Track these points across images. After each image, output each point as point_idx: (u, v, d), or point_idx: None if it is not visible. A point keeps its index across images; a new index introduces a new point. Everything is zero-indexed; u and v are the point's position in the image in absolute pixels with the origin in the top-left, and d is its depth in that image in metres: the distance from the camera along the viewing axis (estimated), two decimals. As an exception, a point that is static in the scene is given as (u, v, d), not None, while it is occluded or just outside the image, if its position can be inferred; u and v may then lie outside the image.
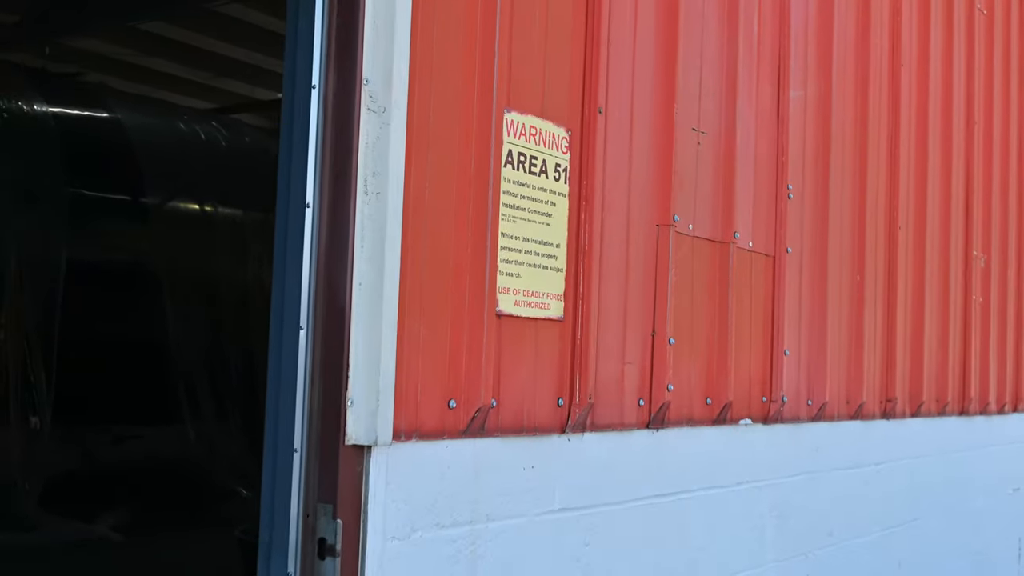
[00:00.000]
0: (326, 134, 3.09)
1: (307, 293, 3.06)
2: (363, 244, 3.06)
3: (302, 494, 3.03)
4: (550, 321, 3.73)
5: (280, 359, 3.09)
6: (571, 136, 3.82)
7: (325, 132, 3.09)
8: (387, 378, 3.04)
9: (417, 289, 3.20)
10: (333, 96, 3.10)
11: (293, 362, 3.06)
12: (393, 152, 3.07)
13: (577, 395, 3.81)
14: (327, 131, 3.09)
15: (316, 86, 3.09)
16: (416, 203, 3.21)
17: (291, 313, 3.07)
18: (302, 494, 3.03)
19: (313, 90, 3.09)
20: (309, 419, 3.05)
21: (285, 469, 3.04)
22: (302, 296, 3.06)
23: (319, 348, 3.06)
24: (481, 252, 3.40)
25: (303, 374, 3.05)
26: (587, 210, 3.86)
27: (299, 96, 3.11)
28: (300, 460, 3.03)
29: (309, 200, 3.08)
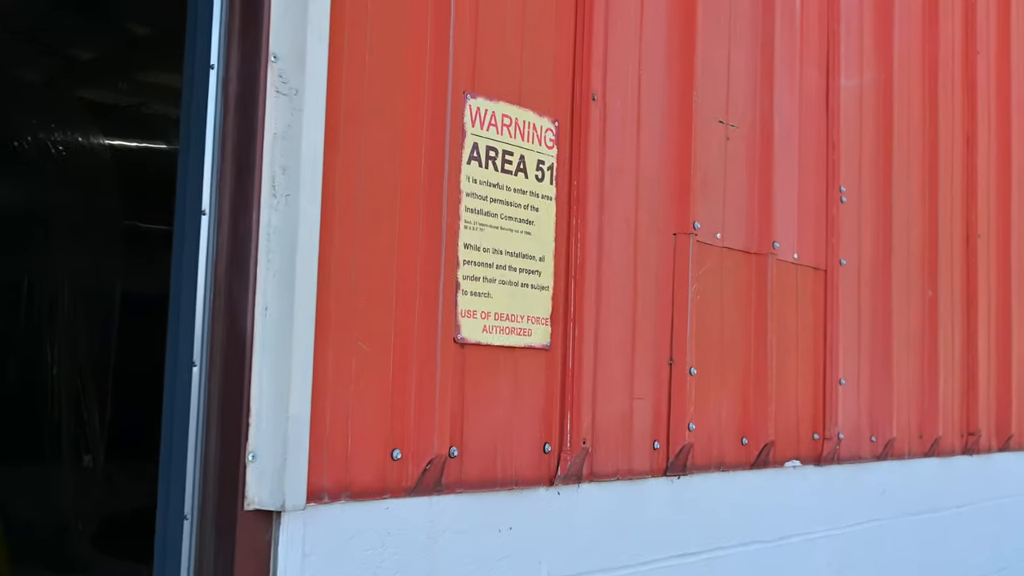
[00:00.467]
0: (227, 124, 2.50)
1: (201, 321, 2.47)
2: (269, 259, 2.46)
3: (191, 572, 2.43)
4: (532, 350, 3.08)
5: (173, 403, 2.50)
6: (558, 128, 3.18)
7: (226, 121, 2.50)
8: (298, 425, 2.43)
9: (347, 314, 2.59)
10: (236, 77, 2.51)
11: (185, 406, 2.47)
12: (308, 143, 2.47)
13: (569, 438, 3.16)
14: (228, 120, 2.50)
15: (215, 66, 2.51)
16: (345, 208, 2.60)
17: (184, 346, 2.49)
18: (191, 572, 2.43)
19: (211, 70, 2.51)
20: (203, 478, 2.46)
21: (174, 541, 2.45)
22: (196, 325, 2.47)
23: (215, 389, 2.47)
24: (434, 268, 2.78)
25: (195, 421, 2.46)
26: (579, 215, 3.21)
27: (197, 79, 2.54)
28: (191, 530, 2.44)
29: (205, 206, 2.49)
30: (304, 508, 2.44)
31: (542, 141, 3.12)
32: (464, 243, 2.88)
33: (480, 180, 2.94)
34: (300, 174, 2.46)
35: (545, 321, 3.12)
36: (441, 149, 2.80)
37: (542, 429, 3.11)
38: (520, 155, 3.05)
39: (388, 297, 2.69)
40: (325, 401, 2.53)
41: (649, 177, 3.51)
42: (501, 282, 2.99)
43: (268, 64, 2.48)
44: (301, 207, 2.46)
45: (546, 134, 3.13)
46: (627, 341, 3.40)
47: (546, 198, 3.13)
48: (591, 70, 3.22)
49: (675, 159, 3.61)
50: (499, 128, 2.99)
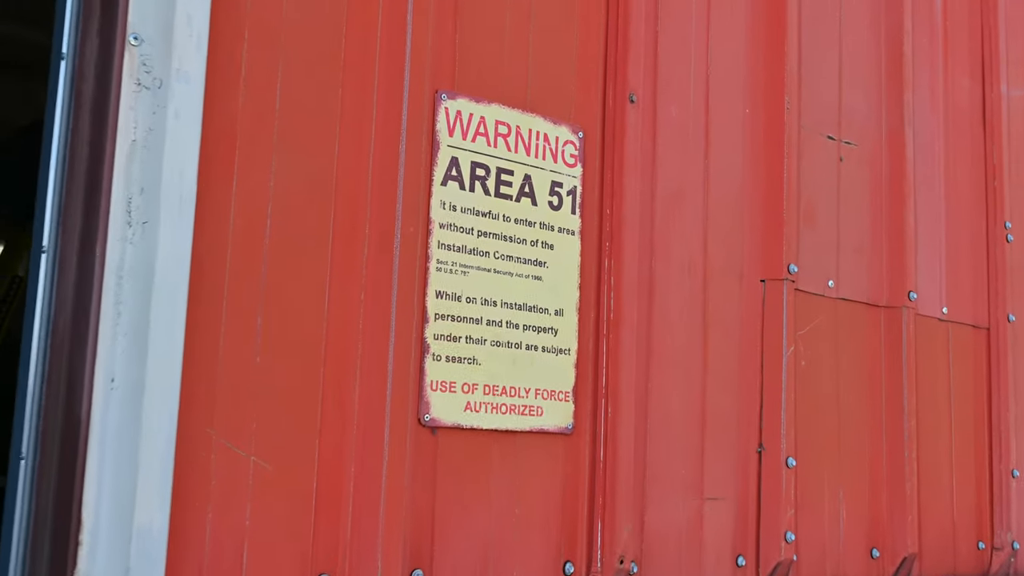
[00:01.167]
0: (77, 130, 1.86)
1: (32, 396, 1.81)
2: (119, 311, 1.78)
3: None
4: (545, 435, 2.30)
5: (8, 508, 1.84)
6: (583, 140, 2.41)
7: (76, 127, 1.86)
8: (151, 542, 1.73)
9: (234, 385, 1.88)
10: (93, 66, 1.87)
11: (11, 516, 1.80)
12: (174, 153, 1.80)
13: (600, 556, 2.33)
14: (78, 125, 1.86)
15: (65, 55, 1.87)
16: (244, 238, 1.91)
17: (16, 433, 1.82)
18: None
19: (62, 61, 1.87)
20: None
21: None
22: (27, 401, 1.81)
23: (44, 492, 1.79)
24: (381, 324, 2.04)
25: (18, 536, 1.78)
26: (614, 255, 2.42)
27: (51, 74, 1.91)
28: None
29: (45, 242, 1.84)
30: (155, 667, 1.73)
31: (559, 157, 2.36)
32: (436, 291, 2.14)
33: (462, 207, 2.20)
34: (162, 194, 1.79)
35: (565, 396, 2.33)
36: (394, 165, 2.08)
37: (559, 543, 2.31)
38: (524, 175, 2.30)
39: (312, 362, 1.97)
40: (204, 508, 1.82)
41: (723, 206, 2.68)
42: (495, 343, 2.22)
43: (125, 47, 1.83)
44: (163, 239, 1.78)
45: (565, 148, 2.37)
46: (693, 421, 2.57)
47: (566, 232, 2.36)
48: (628, 61, 2.44)
49: (762, 184, 2.78)
50: (491, 139, 2.25)
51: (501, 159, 2.27)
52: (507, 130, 2.28)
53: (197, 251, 1.82)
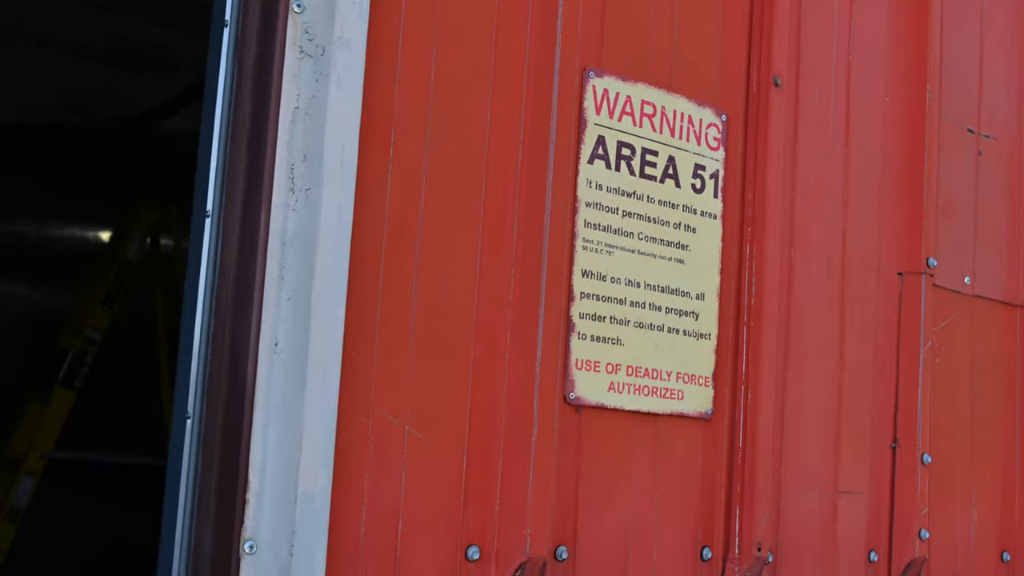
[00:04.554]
0: (240, 97, 1.88)
1: (197, 361, 1.84)
2: (282, 276, 1.81)
3: None
4: (685, 419, 2.28)
5: (171, 468, 1.87)
6: (727, 123, 2.39)
7: (239, 94, 1.89)
8: (313, 507, 1.74)
9: (392, 356, 1.89)
10: (255, 34, 1.90)
11: (177, 472, 1.83)
12: (336, 121, 1.82)
13: (738, 543, 2.30)
14: (241, 92, 1.88)
15: (228, 22, 1.91)
16: (399, 210, 1.92)
17: (180, 392, 1.86)
18: None
19: (225, 29, 1.91)
20: (193, 572, 1.80)
21: (154, 656, 1.80)
22: (192, 363, 1.84)
23: (209, 452, 1.82)
24: (534, 299, 2.04)
25: (185, 493, 1.82)
26: (756, 241, 2.39)
27: (213, 42, 1.94)
28: (176, 636, 1.78)
29: (209, 206, 1.87)
30: (318, 626, 1.74)
31: (702, 139, 2.34)
32: (582, 269, 2.13)
33: (608, 187, 2.19)
34: (325, 162, 1.81)
35: (705, 381, 2.31)
36: (544, 141, 2.08)
37: (699, 528, 2.28)
38: (668, 156, 2.29)
39: (463, 336, 1.98)
40: (361, 475, 1.84)
41: (862, 195, 2.64)
42: (638, 325, 2.21)
43: (289, 15, 1.85)
44: (326, 207, 1.80)
45: (708, 130, 2.35)
46: (829, 413, 2.52)
47: (708, 215, 2.34)
48: (773, 44, 2.41)
49: (901, 175, 2.73)
50: (637, 119, 2.24)
51: (646, 139, 2.26)
52: (652, 110, 2.27)
53: (356, 220, 1.84)
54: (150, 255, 6.03)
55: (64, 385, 5.31)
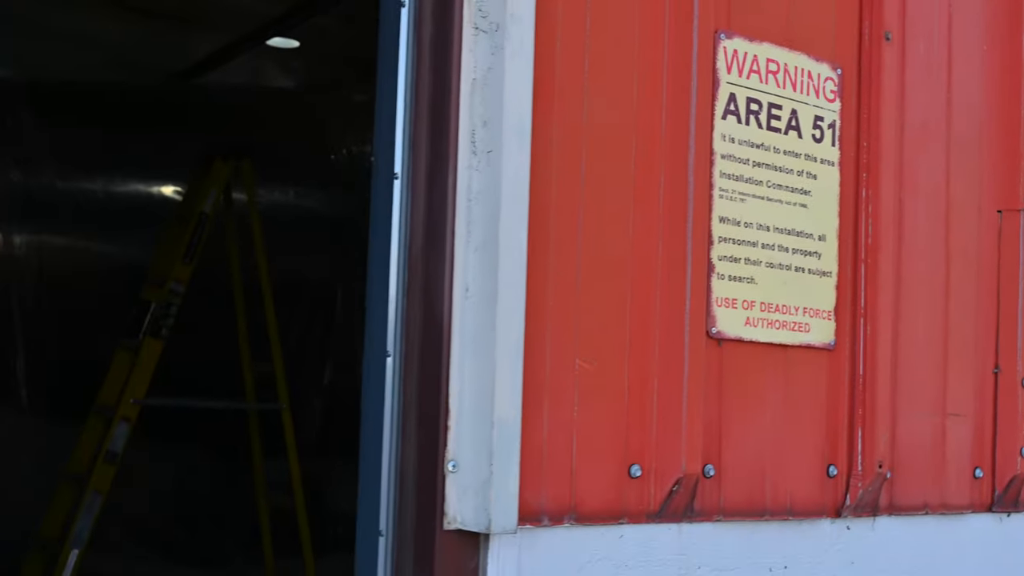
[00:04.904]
0: (419, 71, 2.12)
1: (395, 303, 2.09)
2: (469, 229, 2.05)
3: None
4: (811, 350, 2.50)
5: (369, 399, 2.14)
6: (842, 76, 2.59)
7: (419, 68, 2.12)
8: (507, 431, 1.99)
9: (563, 297, 2.13)
10: (430, 14, 2.12)
11: (379, 402, 2.09)
12: (513, 90, 2.05)
13: (860, 461, 2.54)
14: (420, 66, 2.12)
15: (405, 2, 2.13)
16: (562, 169, 2.15)
17: (377, 334, 2.11)
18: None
19: (402, 8, 2.13)
20: (399, 489, 2.07)
21: (368, 560, 2.07)
22: (389, 307, 2.09)
23: (411, 383, 2.07)
24: (681, 244, 2.27)
25: (390, 419, 2.08)
26: (871, 185, 2.60)
27: (387, 19, 2.17)
28: (386, 549, 2.05)
29: (397, 168, 2.12)
30: (516, 531, 2.00)
31: (820, 93, 2.55)
32: (719, 216, 2.36)
33: (740, 139, 2.41)
34: (504, 126, 2.03)
35: (828, 315, 2.53)
36: (686, 100, 2.30)
37: (825, 447, 2.52)
38: (791, 109, 2.49)
39: (620, 278, 2.22)
40: (541, 402, 2.09)
41: (963, 140, 2.83)
42: (769, 265, 2.43)
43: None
44: (505, 166, 2.03)
45: (826, 84, 2.56)
46: (937, 343, 2.74)
47: (827, 163, 2.55)
48: (884, 1, 2.60)
49: (999, 120, 2.91)
50: (763, 76, 2.45)
51: (771, 95, 2.46)
52: (776, 67, 2.47)
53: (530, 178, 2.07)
54: (224, 208, 6.17)
55: (152, 335, 5.52)
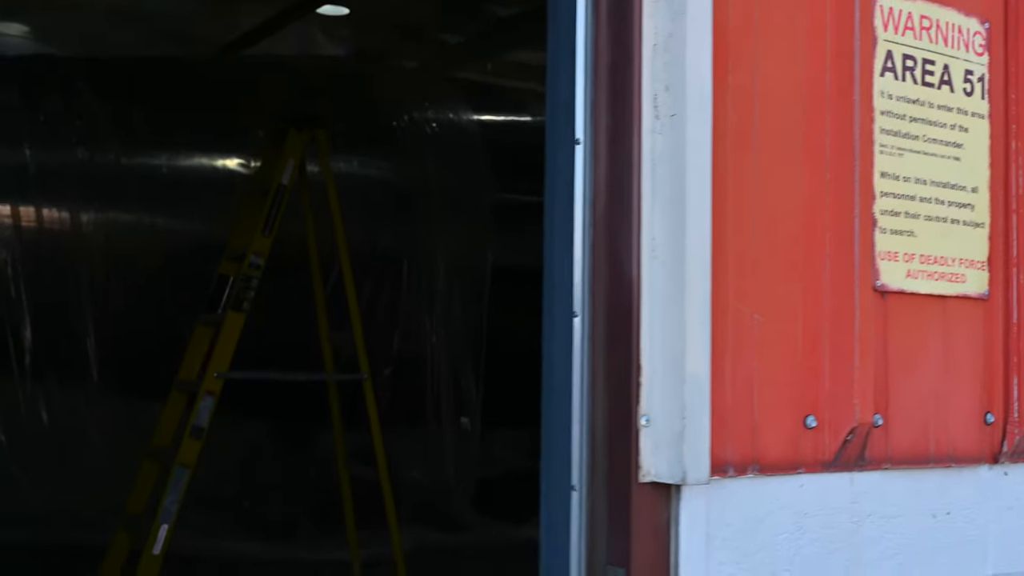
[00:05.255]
0: (597, 38, 2.18)
1: (581, 266, 2.17)
2: (655, 192, 2.12)
3: (583, 550, 2.13)
4: (966, 300, 2.55)
5: (552, 359, 2.22)
6: (989, 30, 2.62)
7: (596, 35, 2.18)
8: (698, 386, 2.07)
9: (741, 255, 2.20)
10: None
11: (566, 363, 2.17)
12: (694, 54, 2.10)
13: (1016, 408, 2.59)
14: (599, 33, 2.18)
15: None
16: (737, 131, 2.21)
17: (561, 295, 2.19)
18: (583, 550, 2.13)
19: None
20: (590, 445, 2.15)
21: (560, 514, 2.16)
22: (574, 270, 2.17)
23: (598, 343, 2.15)
24: (847, 200, 2.33)
25: (579, 378, 2.15)
26: (1019, 136, 2.63)
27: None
28: (579, 502, 2.14)
29: (579, 134, 2.18)
30: (708, 482, 2.08)
31: (970, 47, 2.58)
32: (880, 171, 2.40)
33: (896, 96, 2.45)
34: (686, 90, 2.09)
35: (981, 265, 2.57)
36: (849, 59, 2.34)
37: (981, 395, 2.57)
38: (943, 64, 2.53)
39: (792, 235, 2.27)
40: (724, 357, 2.15)
41: (1104, 88, 2.85)
42: (926, 218, 2.48)
43: (644, -36, 2.13)
44: (689, 129, 2.09)
45: (974, 39, 2.59)
46: (1084, 290, 2.77)
47: (977, 116, 2.59)
48: (1030, -46, 2.63)
49: None
50: (917, 32, 2.49)
51: (925, 50, 2.50)
52: (928, 23, 2.51)
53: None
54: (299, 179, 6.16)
55: (233, 308, 5.54)
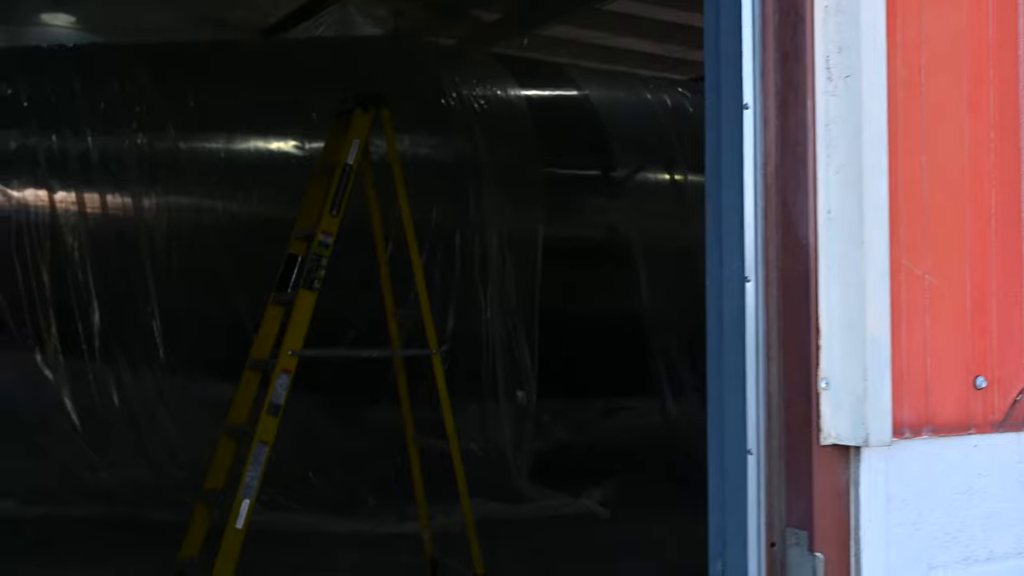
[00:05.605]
0: (765, 4, 2.16)
1: (752, 230, 2.16)
2: (829, 154, 2.10)
3: (762, 514, 2.14)
4: (1124, 255, 2.52)
5: (720, 324, 2.22)
6: None
7: (764, 1, 2.16)
8: (879, 348, 2.06)
9: (911, 215, 2.18)
10: (776, -51, 2.16)
11: (738, 327, 2.17)
12: (868, 15, 2.08)
13: None
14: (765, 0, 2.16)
15: (749, -64, 2.17)
16: (905, 88, 2.19)
17: (733, 259, 2.19)
18: (762, 514, 2.14)
19: (746, -55, 2.17)
20: (767, 408, 2.15)
21: (736, 479, 2.17)
22: (745, 235, 2.16)
23: (773, 307, 2.15)
24: (1012, 155, 2.31)
25: (753, 344, 2.15)
26: None
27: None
28: (756, 466, 2.15)
29: (747, 99, 2.17)
30: (889, 444, 2.08)
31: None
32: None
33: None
34: (861, 51, 2.07)
35: None
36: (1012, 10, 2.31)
37: None
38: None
39: (959, 192, 2.25)
40: (899, 318, 2.15)
41: None
42: (1084, 173, 2.45)
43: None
44: (864, 90, 2.07)
45: None
46: None
47: None
48: None
49: None
50: (1071, -14, 2.45)
51: (1079, 3, 2.46)
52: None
53: (882, 100, 2.11)
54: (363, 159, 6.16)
55: (305, 287, 5.58)
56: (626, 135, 10.07)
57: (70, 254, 8.04)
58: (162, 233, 8.27)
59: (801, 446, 2.10)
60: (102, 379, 8.38)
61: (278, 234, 6.72)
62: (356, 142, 5.75)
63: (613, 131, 9.99)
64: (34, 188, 7.95)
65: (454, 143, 9.10)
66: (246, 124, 8.66)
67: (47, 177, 7.96)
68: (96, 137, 8.15)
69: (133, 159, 8.24)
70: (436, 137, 9.11)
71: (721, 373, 2.21)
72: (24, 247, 7.93)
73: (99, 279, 8.13)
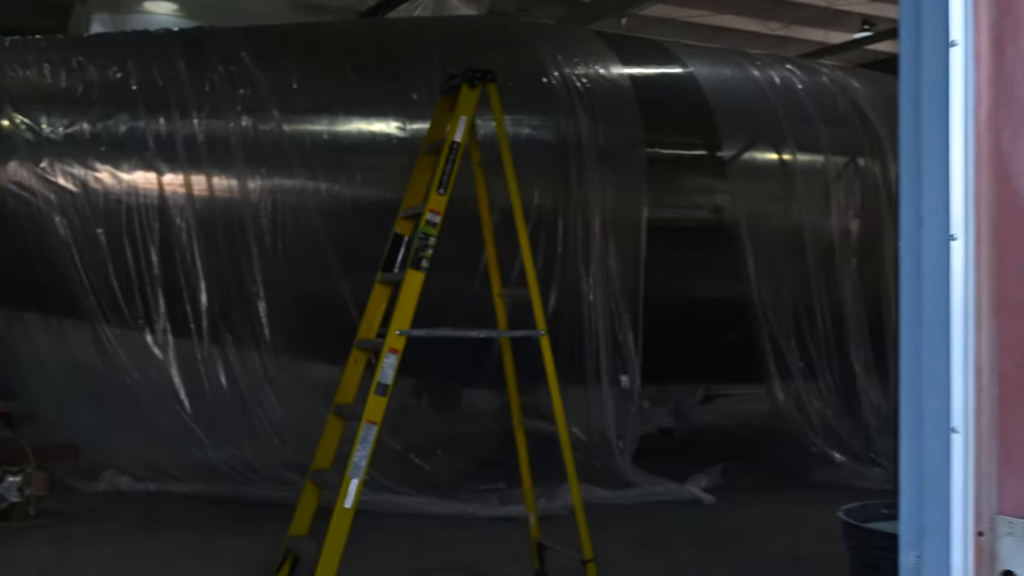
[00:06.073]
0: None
1: (961, 183, 1.93)
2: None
3: (970, 500, 1.91)
4: None
5: (919, 288, 1.99)
6: None
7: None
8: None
9: None
10: None
11: (942, 291, 1.94)
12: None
13: None
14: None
15: None
16: None
17: (935, 215, 1.96)
18: (970, 500, 1.91)
19: None
20: (976, 382, 1.92)
21: (936, 460, 1.94)
22: (951, 188, 1.93)
23: (985, 269, 1.92)
24: None
25: (961, 309, 1.92)
26: None
27: None
28: (964, 446, 1.92)
29: (955, 35, 1.94)
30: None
31: None
32: None
33: None
34: (1094, -22, 1.83)
35: None
36: None
37: None
38: None
39: None
40: None
41: None
42: None
43: None
44: (1097, 21, 1.83)
45: None
46: None
47: None
48: None
49: None
50: None
51: None
52: None
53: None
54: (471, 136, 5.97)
55: (413, 266, 5.47)
56: (733, 113, 9.78)
57: (178, 236, 8.08)
58: (267, 215, 8.27)
59: (1017, 424, 1.87)
60: (209, 359, 8.43)
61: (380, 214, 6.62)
62: (463, 119, 5.60)
63: (719, 109, 9.70)
64: (143, 171, 8.00)
65: (556, 122, 8.92)
66: (348, 106, 8.60)
67: (155, 160, 8.01)
68: (202, 120, 8.17)
69: (237, 141, 8.25)
70: (537, 117, 8.94)
71: (920, 343, 1.99)
72: (134, 229, 7.99)
73: (206, 260, 8.16)
